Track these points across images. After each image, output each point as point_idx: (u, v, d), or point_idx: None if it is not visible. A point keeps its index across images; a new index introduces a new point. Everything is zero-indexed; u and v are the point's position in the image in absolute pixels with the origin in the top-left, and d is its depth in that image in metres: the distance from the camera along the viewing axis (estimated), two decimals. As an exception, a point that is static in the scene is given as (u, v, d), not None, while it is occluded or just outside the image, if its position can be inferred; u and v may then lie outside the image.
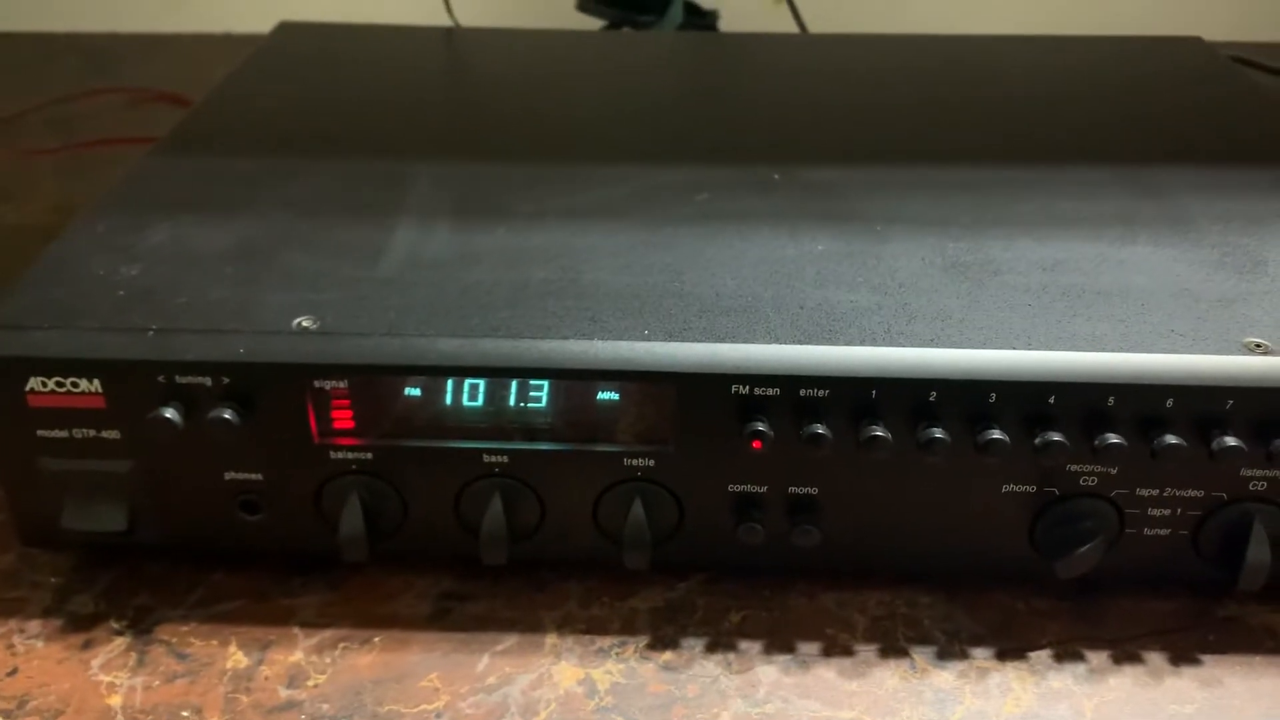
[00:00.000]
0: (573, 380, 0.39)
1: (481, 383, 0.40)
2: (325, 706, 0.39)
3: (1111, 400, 0.38)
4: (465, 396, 0.40)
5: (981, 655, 0.41)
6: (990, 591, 0.43)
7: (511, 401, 0.40)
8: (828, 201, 0.49)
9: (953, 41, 0.72)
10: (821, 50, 0.75)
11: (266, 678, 0.40)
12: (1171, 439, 0.38)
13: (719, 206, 0.49)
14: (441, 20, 0.87)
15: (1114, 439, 0.38)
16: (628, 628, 0.42)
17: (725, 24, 0.93)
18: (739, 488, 0.41)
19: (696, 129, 0.60)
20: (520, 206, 0.49)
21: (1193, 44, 0.69)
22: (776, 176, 0.52)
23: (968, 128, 0.58)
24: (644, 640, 0.41)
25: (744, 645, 0.41)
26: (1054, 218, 0.48)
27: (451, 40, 0.73)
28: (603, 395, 0.40)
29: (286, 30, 0.71)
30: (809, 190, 0.51)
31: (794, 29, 0.91)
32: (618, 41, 0.79)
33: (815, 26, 0.92)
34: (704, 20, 0.92)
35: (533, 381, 0.40)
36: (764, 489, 0.41)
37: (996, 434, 0.38)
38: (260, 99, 0.61)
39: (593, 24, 0.88)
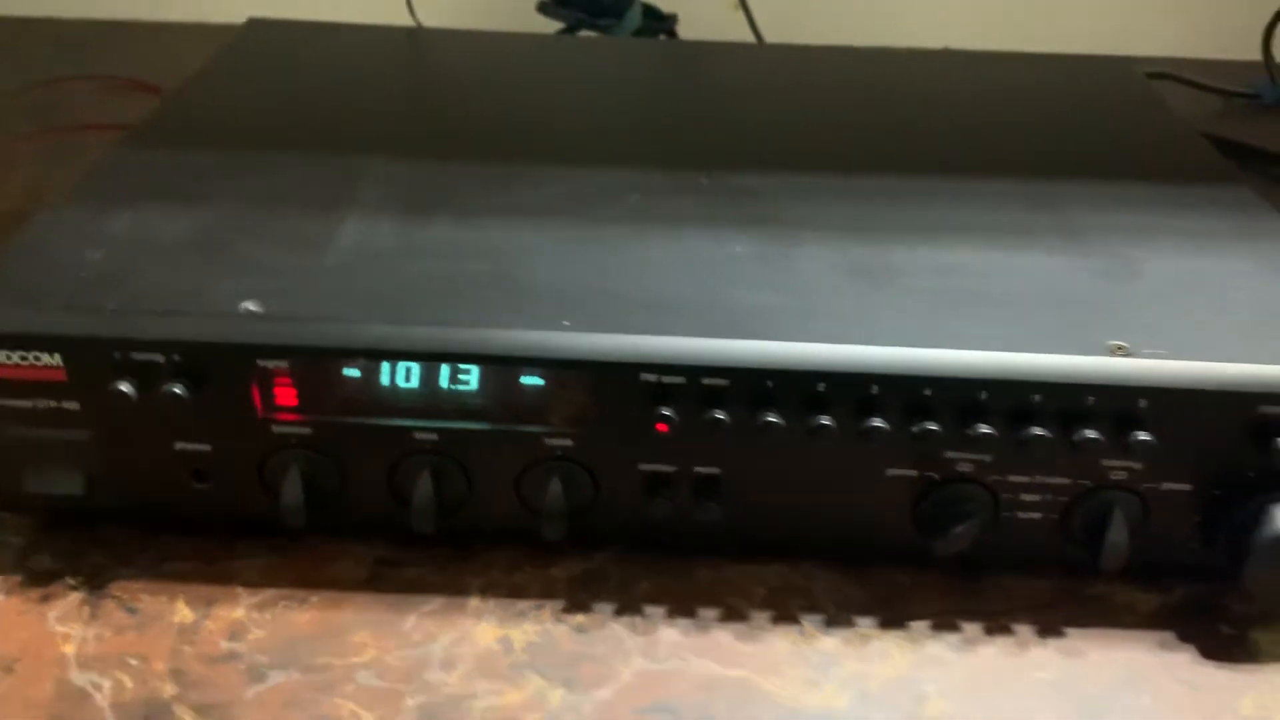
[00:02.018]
0: (496, 365, 0.43)
1: (414, 365, 0.43)
2: (262, 658, 0.42)
3: (983, 394, 0.42)
4: (400, 378, 0.44)
5: (866, 624, 0.45)
6: (881, 568, 0.47)
7: (445, 384, 0.44)
8: (751, 206, 0.53)
9: (895, 55, 0.76)
10: (772, 60, 0.78)
11: (210, 631, 0.43)
12: (1037, 431, 0.42)
13: (648, 208, 0.52)
14: (406, 20, 0.90)
15: (985, 429, 0.42)
16: (546, 593, 0.46)
17: (684, 30, 0.97)
18: (649, 467, 0.45)
19: (638, 133, 0.63)
20: (463, 203, 0.52)
21: (1116, 63, 0.73)
22: (705, 181, 0.55)
23: (893, 139, 0.62)
24: (560, 604, 0.45)
25: (650, 610, 0.45)
26: (956, 226, 0.52)
27: (413, 40, 0.76)
28: (527, 380, 0.44)
29: (255, 27, 0.75)
30: (735, 195, 0.54)
31: (753, 38, 0.95)
32: (574, 45, 0.83)
33: (772, 36, 0.96)
34: (663, 25, 0.95)
35: (461, 365, 0.43)
36: (672, 469, 0.45)
37: (877, 422, 0.42)
38: (226, 94, 0.65)
39: (553, 26, 0.92)
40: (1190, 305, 0.46)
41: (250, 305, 0.43)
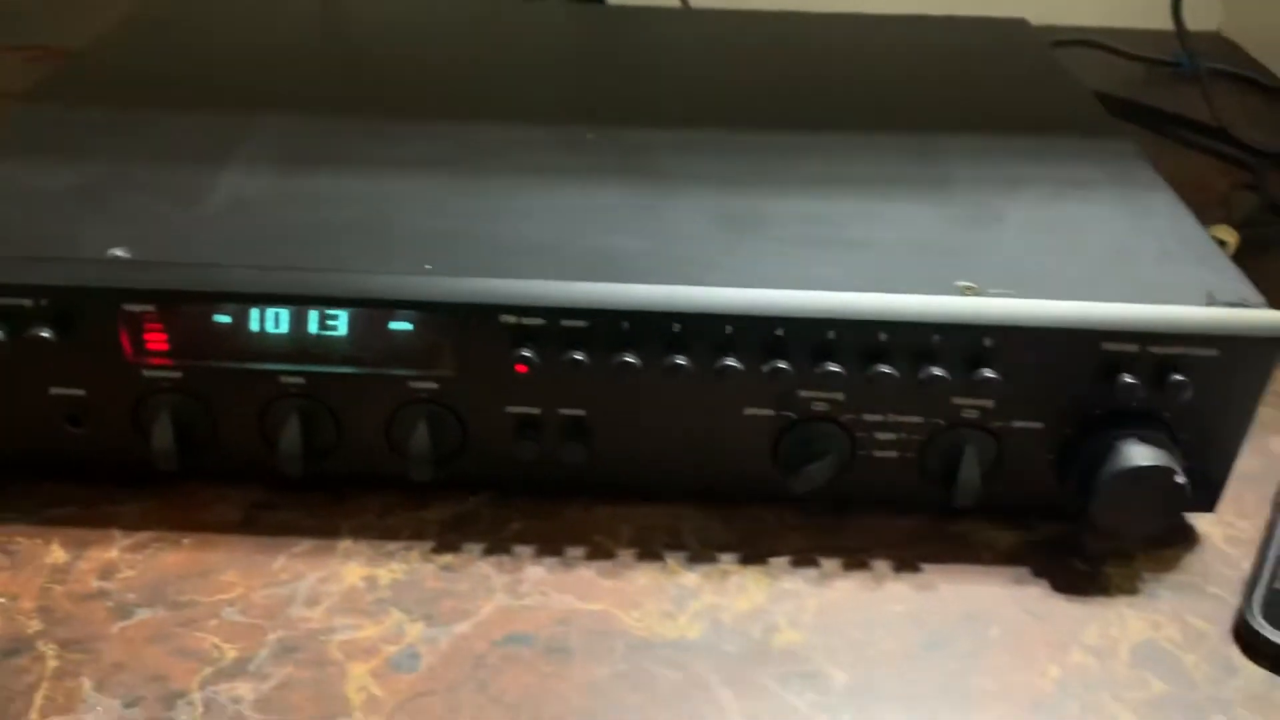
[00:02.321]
0: (358, 309, 0.44)
1: (282, 310, 0.44)
2: (131, 595, 0.43)
3: (832, 333, 0.43)
4: (267, 322, 0.44)
5: (727, 560, 0.46)
6: (747, 507, 0.48)
7: (313, 328, 0.45)
8: (633, 160, 0.54)
9: (810, 19, 0.76)
10: (692, 23, 0.79)
11: (82, 571, 0.44)
12: (884, 368, 0.43)
13: (531, 161, 0.53)
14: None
15: (834, 367, 0.43)
16: (417, 535, 0.47)
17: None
18: (516, 410, 0.46)
19: (538, 91, 0.64)
20: (347, 156, 0.53)
21: (1015, 25, 0.74)
22: (591, 136, 0.56)
23: (787, 97, 0.63)
24: (429, 545, 0.46)
25: (518, 550, 0.46)
26: (830, 178, 0.53)
27: (327, 2, 0.77)
28: (395, 325, 0.44)
29: (168, -9, 0.75)
30: (619, 149, 0.55)
31: (679, 2, 0.95)
32: (494, 9, 0.83)
33: (699, 1, 0.96)
34: (591, -9, 0.96)
35: (329, 310, 0.44)
36: (538, 411, 0.46)
37: (731, 361, 0.43)
38: (127, 54, 0.65)
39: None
40: (1046, 248, 0.47)
41: (118, 251, 0.44)
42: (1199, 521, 0.49)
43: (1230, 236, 0.66)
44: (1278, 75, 0.99)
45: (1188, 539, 0.48)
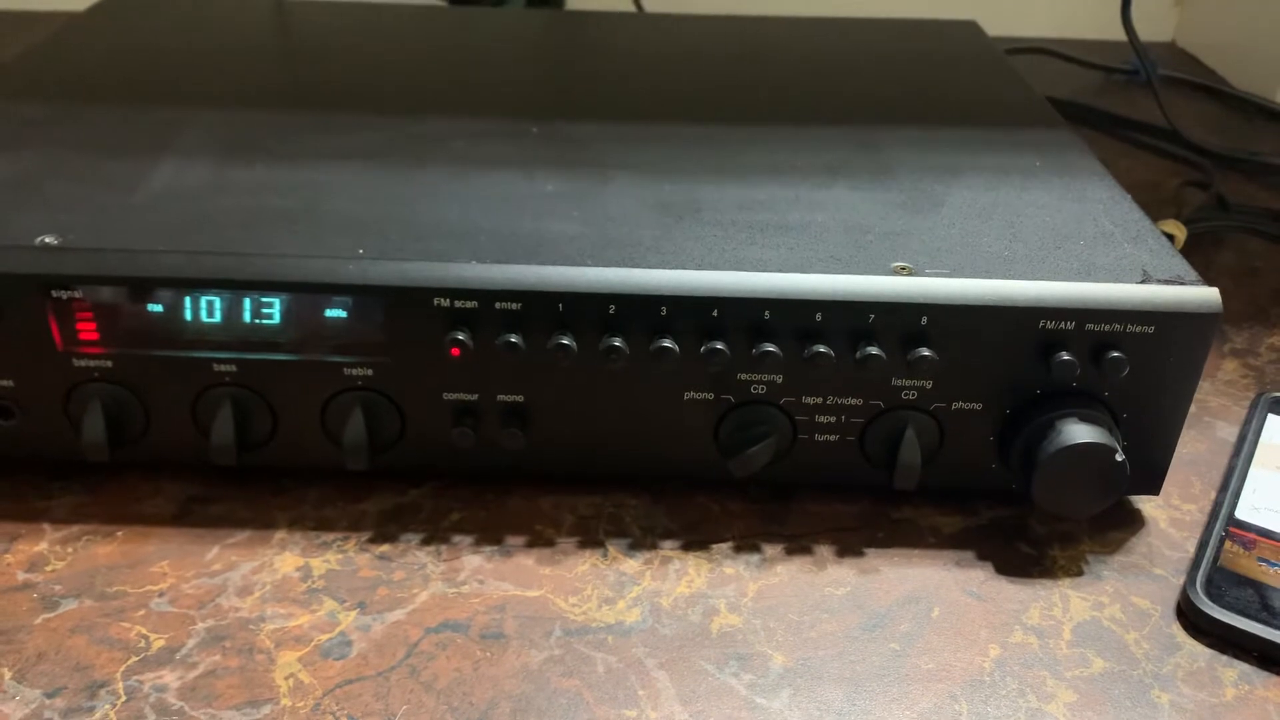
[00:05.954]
0: (292, 294, 0.43)
1: (215, 296, 0.43)
2: (58, 587, 0.42)
3: (767, 314, 0.43)
4: (200, 309, 0.44)
5: (669, 546, 0.45)
6: (691, 495, 0.48)
7: (248, 316, 0.44)
8: (574, 151, 0.54)
9: (763, 22, 0.77)
10: (645, 27, 0.79)
11: (8, 564, 0.43)
12: (820, 348, 0.43)
13: (471, 152, 0.53)
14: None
15: (770, 348, 0.43)
16: (354, 525, 0.46)
17: (573, 2, 0.98)
18: (453, 396, 0.45)
19: (485, 89, 0.64)
20: (283, 149, 0.53)
21: (966, 27, 0.75)
22: (535, 129, 0.56)
23: (733, 94, 0.63)
24: (366, 536, 0.45)
25: (457, 539, 0.45)
26: (769, 167, 0.53)
27: (279, 9, 0.77)
28: (330, 312, 0.44)
29: (119, -2, 0.75)
30: (561, 141, 0.55)
31: (634, 7, 0.96)
32: (449, 15, 0.83)
33: (652, 6, 0.97)
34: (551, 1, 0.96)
35: (263, 297, 0.44)
36: (475, 397, 0.45)
37: (666, 343, 0.43)
38: (74, 55, 0.65)
39: (434, 2, 0.92)
40: (984, 231, 0.47)
41: (48, 239, 0.44)
42: (1145, 505, 0.49)
43: (1178, 231, 0.67)
44: (1229, 82, 1.01)
45: (1134, 522, 0.48)
